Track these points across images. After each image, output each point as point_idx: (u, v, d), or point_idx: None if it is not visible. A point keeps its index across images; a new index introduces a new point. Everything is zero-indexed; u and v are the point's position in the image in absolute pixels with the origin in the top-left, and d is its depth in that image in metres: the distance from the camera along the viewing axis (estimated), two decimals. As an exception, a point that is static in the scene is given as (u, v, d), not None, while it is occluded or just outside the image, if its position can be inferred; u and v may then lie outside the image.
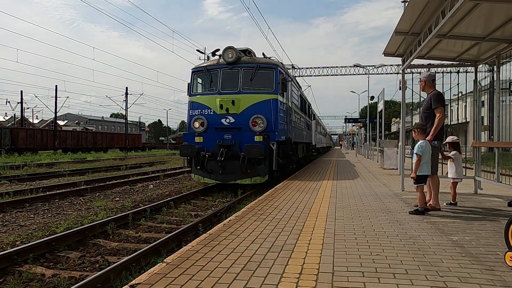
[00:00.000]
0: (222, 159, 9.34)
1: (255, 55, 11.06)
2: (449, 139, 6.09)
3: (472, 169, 7.77)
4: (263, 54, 11.50)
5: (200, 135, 10.06)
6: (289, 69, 15.31)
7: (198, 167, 9.89)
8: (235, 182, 9.71)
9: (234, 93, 9.99)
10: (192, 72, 10.83)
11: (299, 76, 37.03)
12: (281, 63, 11.69)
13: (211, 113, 10.11)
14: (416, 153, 5.18)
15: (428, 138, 5.38)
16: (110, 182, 12.52)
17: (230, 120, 9.90)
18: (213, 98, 10.14)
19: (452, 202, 5.85)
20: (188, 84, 10.81)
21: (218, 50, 10.83)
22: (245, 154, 9.24)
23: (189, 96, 10.71)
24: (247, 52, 10.86)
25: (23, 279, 4.10)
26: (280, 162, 10.26)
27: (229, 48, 10.23)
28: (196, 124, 10.18)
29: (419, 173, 5.19)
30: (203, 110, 10.23)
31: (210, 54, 11.44)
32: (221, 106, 9.86)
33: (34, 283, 4.04)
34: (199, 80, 10.86)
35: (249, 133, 9.67)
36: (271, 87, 10.12)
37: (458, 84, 8.65)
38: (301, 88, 18.35)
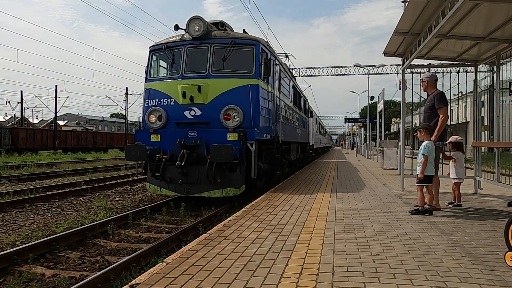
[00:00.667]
0: (183, 164, 7.16)
1: (231, 30, 8.73)
2: (453, 139, 6.05)
3: (472, 169, 7.78)
4: (243, 30, 8.88)
5: (156, 132, 7.81)
6: (283, 59, 12.85)
7: (156, 174, 7.68)
8: (200, 195, 7.56)
9: (201, 77, 7.71)
10: (150, 51, 8.56)
11: (299, 76, 37.06)
12: (267, 42, 9.20)
13: (172, 103, 7.84)
14: (422, 154, 5.19)
15: (432, 138, 5.38)
16: (110, 182, 12.52)
17: (195, 113, 7.66)
18: (174, 83, 7.87)
19: (458, 203, 5.78)
20: (146, 67, 8.54)
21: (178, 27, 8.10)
22: (211, 158, 7.05)
23: (145, 82, 8.42)
24: (219, 25, 8.39)
25: (23, 279, 4.10)
26: (263, 167, 8.17)
27: (196, 18, 7.83)
28: (152, 118, 7.94)
29: (424, 173, 5.23)
30: (161, 100, 7.95)
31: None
32: (183, 94, 7.62)
33: (34, 283, 4.04)
34: (159, 62, 8.61)
35: (220, 129, 7.50)
36: (250, 70, 7.77)
37: (458, 84, 8.65)
38: (294, 79, 15.37)
